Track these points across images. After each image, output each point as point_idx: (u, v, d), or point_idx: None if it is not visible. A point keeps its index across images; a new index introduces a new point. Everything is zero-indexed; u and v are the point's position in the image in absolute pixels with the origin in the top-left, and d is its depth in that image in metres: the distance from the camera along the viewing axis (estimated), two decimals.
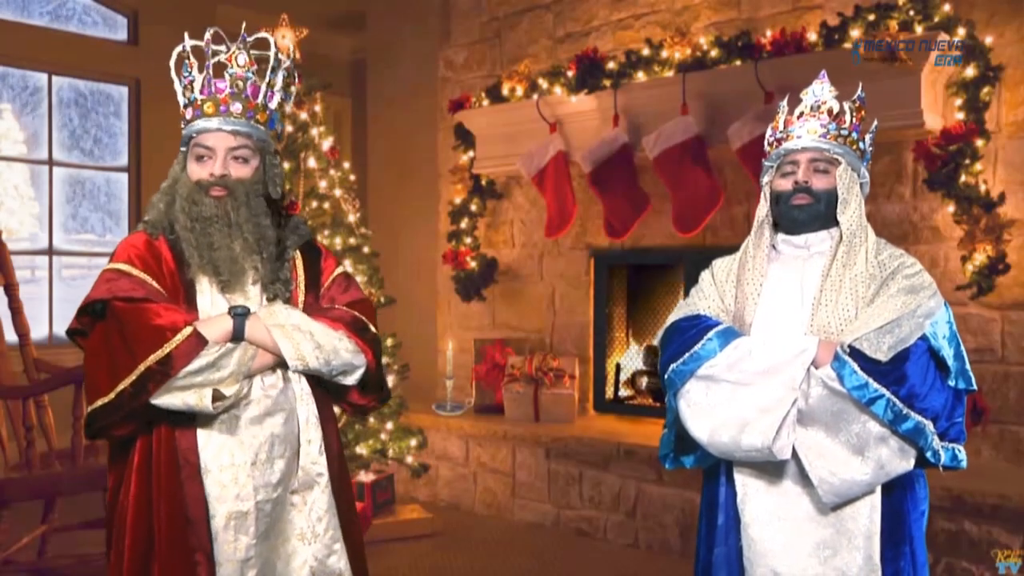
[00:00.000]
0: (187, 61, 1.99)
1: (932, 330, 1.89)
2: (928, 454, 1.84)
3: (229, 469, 1.92)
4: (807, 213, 2.02)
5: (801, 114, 2.06)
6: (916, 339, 1.86)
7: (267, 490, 1.96)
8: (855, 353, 1.84)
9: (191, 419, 1.91)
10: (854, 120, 2.04)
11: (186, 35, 2.01)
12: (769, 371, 1.90)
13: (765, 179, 2.10)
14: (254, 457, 1.95)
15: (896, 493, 1.92)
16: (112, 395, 1.84)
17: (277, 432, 1.98)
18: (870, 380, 1.81)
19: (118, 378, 1.84)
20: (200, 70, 2.00)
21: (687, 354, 1.99)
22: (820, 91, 2.07)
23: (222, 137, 1.98)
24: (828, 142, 2.02)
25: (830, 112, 2.04)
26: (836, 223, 2.02)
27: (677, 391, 2.01)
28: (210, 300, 1.99)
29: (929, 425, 1.82)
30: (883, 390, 1.81)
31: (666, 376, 2.04)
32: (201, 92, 1.99)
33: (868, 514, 1.88)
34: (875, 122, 2.18)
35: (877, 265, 1.97)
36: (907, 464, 1.85)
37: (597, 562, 4.20)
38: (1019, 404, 3.85)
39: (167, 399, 1.84)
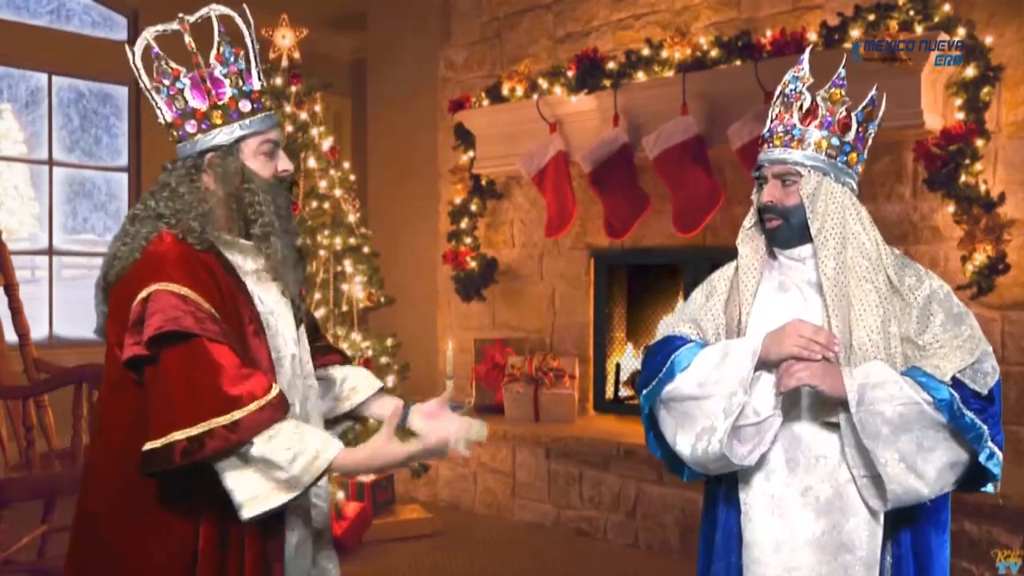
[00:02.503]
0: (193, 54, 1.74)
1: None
2: (993, 484, 1.85)
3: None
4: (780, 236, 1.94)
5: (778, 114, 1.94)
6: (998, 374, 1.85)
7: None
8: (958, 384, 1.79)
9: None
10: (826, 113, 1.88)
11: (150, 37, 1.77)
12: (724, 359, 1.86)
13: (754, 192, 2.01)
14: None
15: (922, 526, 1.88)
16: (179, 435, 1.57)
17: None
18: (972, 415, 1.77)
19: (192, 418, 1.57)
20: (239, 61, 1.74)
21: (655, 380, 1.95)
22: (793, 82, 1.92)
23: (279, 132, 1.80)
24: (791, 151, 1.89)
25: (800, 108, 1.90)
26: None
27: (649, 415, 2.01)
28: (280, 325, 1.78)
29: (999, 453, 1.82)
30: (983, 426, 1.78)
31: (640, 402, 2.04)
32: (248, 83, 1.74)
33: (867, 543, 1.84)
34: (862, 107, 1.96)
35: (907, 290, 1.88)
36: (955, 485, 1.85)
37: (597, 562, 4.20)
38: (1019, 404, 3.85)
39: (233, 473, 1.61)
